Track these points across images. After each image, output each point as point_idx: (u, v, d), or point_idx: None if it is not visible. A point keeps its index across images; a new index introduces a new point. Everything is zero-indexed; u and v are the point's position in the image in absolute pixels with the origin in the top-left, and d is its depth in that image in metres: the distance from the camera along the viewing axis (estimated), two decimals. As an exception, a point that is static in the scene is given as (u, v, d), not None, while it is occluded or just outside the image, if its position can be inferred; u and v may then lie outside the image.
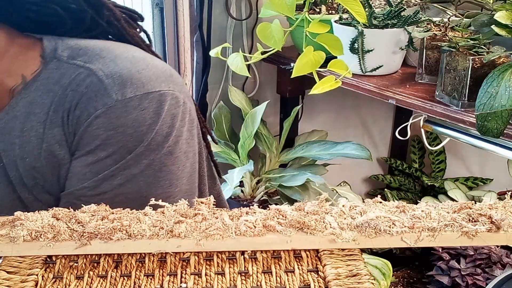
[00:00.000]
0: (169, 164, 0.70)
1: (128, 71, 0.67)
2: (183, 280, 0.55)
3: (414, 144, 2.12)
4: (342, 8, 1.50)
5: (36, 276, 0.55)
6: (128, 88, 0.66)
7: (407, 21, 1.35)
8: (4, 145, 0.69)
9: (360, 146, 1.66)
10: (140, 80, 0.67)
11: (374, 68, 1.41)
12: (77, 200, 0.68)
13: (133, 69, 0.68)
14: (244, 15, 1.81)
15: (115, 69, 0.67)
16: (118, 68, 0.67)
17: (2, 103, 0.69)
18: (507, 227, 0.54)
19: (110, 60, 0.68)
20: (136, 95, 0.66)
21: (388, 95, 1.33)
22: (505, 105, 1.01)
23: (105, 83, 0.66)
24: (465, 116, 1.16)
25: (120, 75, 0.66)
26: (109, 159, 0.67)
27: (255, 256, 0.57)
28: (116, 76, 0.66)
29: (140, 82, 0.67)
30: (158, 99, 0.67)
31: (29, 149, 0.68)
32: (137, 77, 0.67)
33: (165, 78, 0.70)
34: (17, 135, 0.68)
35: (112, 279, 0.55)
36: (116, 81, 0.66)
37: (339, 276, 0.53)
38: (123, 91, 0.66)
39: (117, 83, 0.66)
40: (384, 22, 1.36)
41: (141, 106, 0.66)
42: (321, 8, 1.55)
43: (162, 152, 0.68)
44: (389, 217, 0.55)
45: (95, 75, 0.67)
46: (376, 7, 1.51)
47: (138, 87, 0.67)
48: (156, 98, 0.67)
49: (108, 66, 0.67)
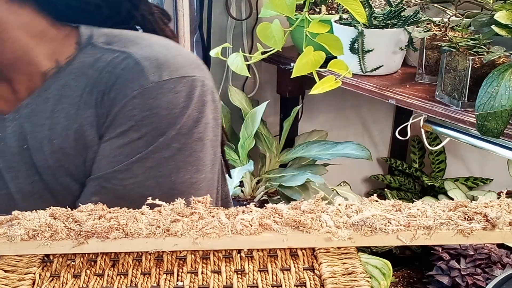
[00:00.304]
0: (198, 150, 0.71)
1: (164, 56, 0.69)
2: (180, 278, 0.55)
3: (414, 144, 2.12)
4: (342, 8, 1.50)
5: (33, 275, 0.55)
6: (164, 71, 0.68)
7: (407, 21, 1.35)
8: (32, 126, 0.70)
9: (360, 146, 1.66)
10: (175, 64, 0.69)
11: (374, 68, 1.41)
12: (107, 183, 0.69)
13: (168, 54, 0.70)
14: (244, 15, 1.81)
15: (152, 53, 0.69)
16: (154, 52, 0.69)
17: (34, 86, 0.71)
18: (502, 225, 0.55)
19: (146, 45, 0.71)
20: (172, 77, 0.68)
21: (388, 95, 1.33)
22: (505, 105, 1.01)
23: (142, 65, 0.68)
24: (465, 116, 1.16)
25: (157, 58, 0.69)
26: (141, 140, 0.68)
27: (251, 255, 0.57)
28: (153, 59, 0.68)
29: (175, 66, 0.69)
30: (190, 84, 0.69)
31: (59, 131, 0.69)
32: (172, 61, 0.69)
33: (196, 65, 0.72)
34: (47, 116, 0.69)
35: (109, 277, 0.55)
36: (152, 64, 0.68)
37: (335, 274, 0.53)
38: (159, 73, 0.68)
39: (153, 65, 0.68)
40: (384, 22, 1.36)
41: (175, 89, 0.68)
42: (321, 8, 1.55)
43: (193, 138, 0.70)
44: (385, 216, 0.55)
45: (131, 57, 0.69)
46: (376, 7, 1.51)
47: (173, 71, 0.68)
48: (189, 83, 0.69)
49: (144, 51, 0.70)
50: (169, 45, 0.73)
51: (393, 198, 1.93)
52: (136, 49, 0.70)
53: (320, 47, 1.33)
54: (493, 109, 1.02)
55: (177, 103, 0.68)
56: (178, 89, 0.68)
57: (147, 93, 0.67)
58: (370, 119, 2.15)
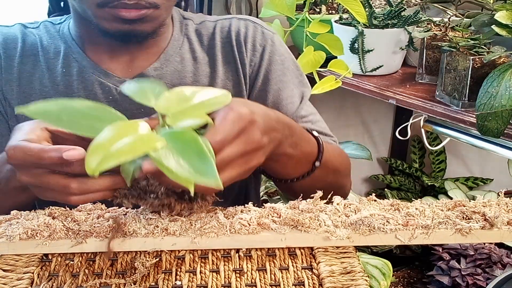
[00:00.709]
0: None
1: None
2: (178, 277, 0.55)
3: (414, 144, 2.12)
4: (342, 8, 1.50)
5: (31, 274, 0.55)
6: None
7: (407, 21, 1.35)
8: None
9: (360, 146, 1.66)
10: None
11: (374, 68, 1.41)
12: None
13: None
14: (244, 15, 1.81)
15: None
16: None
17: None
18: (500, 224, 0.54)
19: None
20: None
21: (388, 95, 1.33)
22: (505, 105, 1.01)
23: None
24: (465, 116, 1.16)
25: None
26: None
27: (249, 254, 0.57)
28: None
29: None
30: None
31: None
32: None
33: None
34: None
35: (108, 277, 0.55)
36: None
37: (333, 273, 0.53)
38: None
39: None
40: (384, 22, 1.36)
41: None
42: (321, 8, 1.55)
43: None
44: (383, 215, 0.55)
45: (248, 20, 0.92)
46: (376, 7, 1.51)
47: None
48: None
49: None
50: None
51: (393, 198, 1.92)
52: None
53: (320, 47, 1.33)
54: (493, 109, 1.02)
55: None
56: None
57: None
58: (370, 119, 2.15)
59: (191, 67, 0.86)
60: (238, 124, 0.55)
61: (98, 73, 0.83)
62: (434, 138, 2.00)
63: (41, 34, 0.87)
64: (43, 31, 0.88)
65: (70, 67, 0.84)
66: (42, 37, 0.87)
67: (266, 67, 0.89)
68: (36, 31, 0.88)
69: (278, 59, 0.90)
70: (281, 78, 0.89)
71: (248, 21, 0.91)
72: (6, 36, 0.86)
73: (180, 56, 0.87)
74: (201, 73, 0.87)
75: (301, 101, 0.90)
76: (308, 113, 0.90)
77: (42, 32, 0.88)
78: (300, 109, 0.89)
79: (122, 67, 0.85)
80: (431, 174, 2.05)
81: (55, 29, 0.88)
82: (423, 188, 2.06)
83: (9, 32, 0.87)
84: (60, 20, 0.90)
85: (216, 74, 0.87)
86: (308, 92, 0.93)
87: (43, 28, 0.88)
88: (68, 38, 0.86)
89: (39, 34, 0.87)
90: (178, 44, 0.88)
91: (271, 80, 0.88)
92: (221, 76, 0.88)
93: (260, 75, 0.88)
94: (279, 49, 0.91)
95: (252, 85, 0.89)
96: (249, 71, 0.89)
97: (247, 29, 0.90)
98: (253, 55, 0.89)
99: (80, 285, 0.54)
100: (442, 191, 1.90)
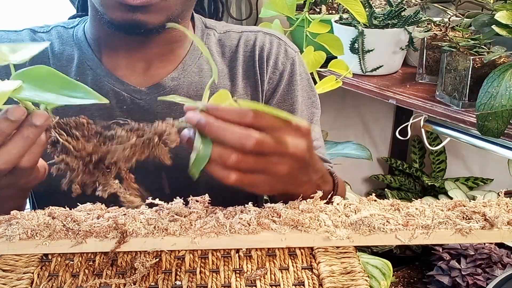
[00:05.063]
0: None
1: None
2: (178, 278, 0.55)
3: (414, 144, 2.12)
4: (343, 8, 1.49)
5: (31, 274, 0.55)
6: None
7: (408, 21, 1.35)
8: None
9: (360, 146, 1.66)
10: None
11: (375, 68, 1.41)
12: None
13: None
14: (244, 15, 1.81)
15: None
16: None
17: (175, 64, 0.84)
18: (500, 224, 0.54)
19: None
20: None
21: (388, 95, 1.33)
22: (505, 105, 1.01)
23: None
24: (465, 116, 1.16)
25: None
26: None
27: (249, 254, 0.57)
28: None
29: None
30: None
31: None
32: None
33: None
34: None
35: (107, 277, 0.55)
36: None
37: (333, 274, 0.53)
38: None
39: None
40: (384, 22, 1.36)
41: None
42: (321, 8, 1.55)
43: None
44: (383, 215, 0.55)
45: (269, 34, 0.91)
46: (377, 7, 1.51)
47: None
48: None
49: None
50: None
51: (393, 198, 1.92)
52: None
53: (320, 47, 1.33)
54: (493, 109, 1.02)
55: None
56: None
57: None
58: (371, 119, 2.15)
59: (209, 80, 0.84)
60: (299, 125, 0.56)
61: (113, 81, 0.81)
62: (434, 138, 2.00)
63: (52, 39, 0.84)
64: (54, 36, 0.85)
65: (85, 75, 0.81)
66: (53, 43, 0.84)
67: (283, 86, 0.88)
68: (46, 36, 0.85)
69: (296, 80, 0.89)
70: (296, 98, 0.89)
71: (273, 37, 0.90)
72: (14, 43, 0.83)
73: (199, 67, 0.85)
74: (219, 87, 0.84)
75: (311, 123, 0.90)
76: (314, 138, 0.88)
77: (53, 37, 0.85)
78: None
79: (138, 74, 0.82)
80: (431, 174, 2.05)
81: (68, 34, 0.85)
82: (423, 188, 2.06)
83: (17, 38, 0.84)
84: (73, 24, 0.86)
85: (236, 89, 0.86)
86: (318, 114, 0.93)
87: (55, 33, 0.85)
88: (83, 43, 0.83)
89: (50, 39, 0.84)
90: (197, 54, 0.85)
91: (286, 100, 0.88)
92: (240, 90, 0.86)
93: (276, 94, 0.88)
94: (299, 69, 0.90)
95: (267, 102, 0.88)
96: (266, 88, 0.88)
97: (272, 45, 0.89)
98: (273, 73, 0.88)
99: (80, 285, 0.54)
100: (442, 191, 1.90)
